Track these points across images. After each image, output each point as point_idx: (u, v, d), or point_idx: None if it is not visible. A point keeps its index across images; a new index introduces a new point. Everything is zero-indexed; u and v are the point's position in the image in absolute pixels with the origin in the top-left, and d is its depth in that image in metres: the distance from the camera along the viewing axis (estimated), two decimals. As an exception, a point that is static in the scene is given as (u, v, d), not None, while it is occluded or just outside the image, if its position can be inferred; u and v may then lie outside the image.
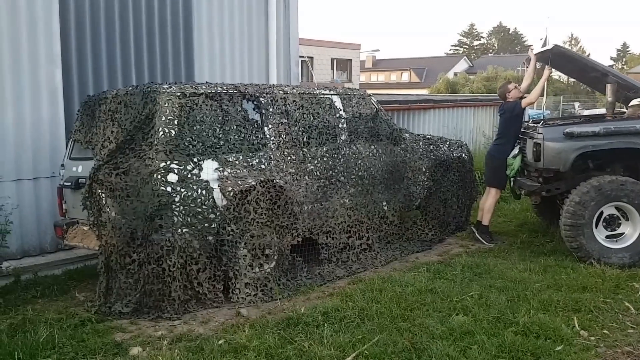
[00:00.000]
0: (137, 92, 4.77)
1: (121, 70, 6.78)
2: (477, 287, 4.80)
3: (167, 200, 4.32)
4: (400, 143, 6.56)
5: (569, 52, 5.87)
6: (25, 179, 5.80)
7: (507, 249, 6.30)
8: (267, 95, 5.34)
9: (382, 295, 4.58)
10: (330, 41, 32.78)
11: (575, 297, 4.51)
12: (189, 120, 4.66)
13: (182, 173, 4.44)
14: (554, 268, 5.38)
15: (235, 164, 4.83)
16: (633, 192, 5.40)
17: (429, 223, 6.83)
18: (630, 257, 5.41)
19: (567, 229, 5.55)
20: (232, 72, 8.00)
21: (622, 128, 5.53)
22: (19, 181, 5.77)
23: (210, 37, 7.72)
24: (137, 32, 6.92)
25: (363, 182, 5.97)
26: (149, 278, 4.36)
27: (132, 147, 4.60)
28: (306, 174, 5.41)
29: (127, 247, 4.42)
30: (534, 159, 5.94)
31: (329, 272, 5.37)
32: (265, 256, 4.98)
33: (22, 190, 5.79)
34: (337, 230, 5.69)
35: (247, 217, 4.78)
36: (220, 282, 4.64)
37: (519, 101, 6.56)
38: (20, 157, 5.77)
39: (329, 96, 5.95)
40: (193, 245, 4.44)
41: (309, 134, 5.57)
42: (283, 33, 8.71)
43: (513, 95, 6.64)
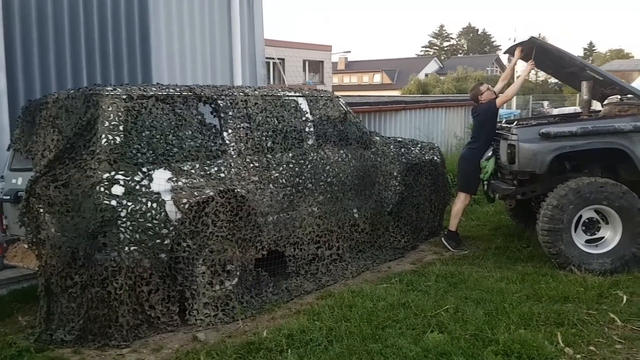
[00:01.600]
0: (78, 95, 4.33)
1: (71, 73, 6.30)
2: (453, 300, 4.50)
3: (111, 215, 3.88)
4: (370, 147, 6.23)
5: (546, 45, 5.62)
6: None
7: (482, 255, 6.03)
8: (226, 98, 4.95)
9: (352, 312, 4.23)
10: (301, 43, 32.39)
11: (557, 309, 4.23)
12: (136, 126, 4.23)
13: (128, 184, 4.01)
14: (533, 276, 5.12)
15: (190, 173, 4.42)
16: (613, 194, 5.17)
17: (401, 229, 6.52)
18: (611, 262, 5.17)
19: (545, 234, 5.29)
20: (194, 74, 7.58)
21: (601, 127, 5.30)
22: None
23: (169, 38, 7.28)
24: (89, 34, 6.45)
25: (332, 188, 5.62)
26: (93, 302, 3.92)
27: (72, 157, 4.15)
28: (271, 181, 5.04)
29: (69, 268, 3.98)
30: (508, 161, 5.67)
31: (297, 287, 5.01)
32: (227, 272, 4.59)
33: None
34: (306, 240, 5.32)
35: (205, 231, 4.37)
36: (175, 304, 4.22)
37: (493, 102, 6.29)
38: (-41, 168, 5.26)
39: (294, 98, 5.58)
40: (143, 265, 4.01)
41: (273, 138, 5.20)
42: (248, 33, 8.32)
43: (486, 96, 6.37)
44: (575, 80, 6.59)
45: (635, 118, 5.30)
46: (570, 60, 5.95)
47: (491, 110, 6.27)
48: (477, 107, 6.48)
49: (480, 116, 6.36)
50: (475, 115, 6.48)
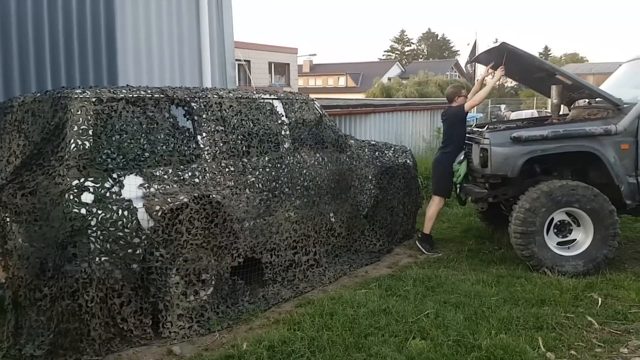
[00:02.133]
0: (45, 98, 4.12)
1: (35, 76, 6.02)
2: (432, 304, 4.48)
3: (81, 224, 3.69)
4: (345, 150, 6.19)
5: (518, 51, 5.68)
6: None
7: (455, 258, 6.06)
8: (199, 100, 4.81)
9: (333, 320, 4.16)
10: (267, 45, 32.22)
11: (535, 312, 4.26)
12: (106, 130, 4.03)
13: (99, 192, 3.83)
14: (507, 278, 5.16)
15: (163, 179, 4.26)
16: (584, 197, 5.26)
17: (376, 233, 6.50)
18: (584, 264, 5.26)
19: (518, 236, 5.34)
20: (162, 76, 7.36)
21: (571, 131, 5.39)
22: None
23: (136, 39, 7.05)
24: (53, 35, 6.18)
25: (309, 193, 5.53)
26: (64, 315, 3.71)
27: (40, 163, 3.93)
28: (247, 186, 4.91)
29: (37, 279, 3.75)
30: (480, 164, 5.72)
31: (274, 295, 4.90)
32: (201, 282, 4.44)
33: None
34: (283, 246, 5.22)
35: (179, 240, 4.21)
36: (148, 316, 4.05)
37: (462, 106, 6.34)
38: None
39: (269, 101, 5.48)
40: (114, 276, 3.83)
41: (249, 142, 5.08)
42: (217, 35, 8.15)
43: (460, 101, 6.41)
44: (542, 85, 6.70)
45: (605, 121, 5.42)
46: (540, 65, 6.04)
47: (460, 114, 6.32)
48: (447, 110, 6.52)
49: (449, 119, 6.41)
50: (444, 118, 6.52)
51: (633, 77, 6.44)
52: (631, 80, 6.41)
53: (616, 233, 5.32)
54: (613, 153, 5.38)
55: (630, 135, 5.40)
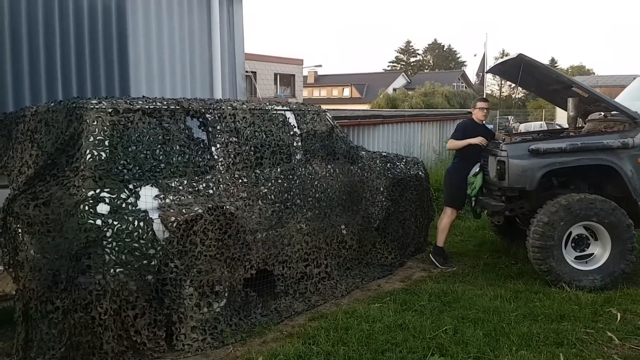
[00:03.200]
0: (60, 108, 4.10)
1: (45, 87, 6.02)
2: (450, 320, 4.39)
3: (96, 235, 3.64)
4: (357, 162, 6.14)
5: (535, 62, 5.63)
6: None
7: (471, 272, 5.96)
8: (214, 112, 4.78)
9: (348, 335, 4.08)
10: (273, 56, 32.30)
11: (554, 328, 4.18)
12: (122, 141, 4.01)
13: (114, 202, 3.79)
14: (525, 294, 5.07)
15: (178, 190, 4.22)
16: (602, 211, 5.18)
17: (388, 246, 6.42)
18: (601, 279, 5.17)
19: (536, 250, 5.26)
20: (173, 87, 7.35)
21: (589, 144, 5.32)
22: None
23: (148, 51, 7.05)
24: (65, 47, 6.18)
25: (320, 204, 5.48)
26: (76, 328, 3.66)
27: (53, 174, 3.89)
28: (259, 198, 4.87)
29: (49, 292, 3.71)
30: (497, 177, 5.65)
31: (287, 307, 4.83)
32: (215, 294, 4.38)
33: None
34: (294, 258, 5.15)
35: (193, 251, 4.17)
36: (162, 328, 3.98)
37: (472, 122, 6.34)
38: None
39: (282, 112, 5.45)
40: (129, 288, 3.78)
41: (262, 153, 5.04)
42: (228, 46, 8.16)
43: (474, 114, 6.39)
44: (558, 97, 6.65)
45: (622, 134, 5.36)
46: (557, 77, 6.00)
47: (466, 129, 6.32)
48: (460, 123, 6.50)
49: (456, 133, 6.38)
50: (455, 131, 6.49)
51: (649, 90, 6.38)
52: (647, 93, 6.35)
53: (634, 247, 5.23)
54: (630, 166, 5.31)
55: (647, 149, 5.32)
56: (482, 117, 6.38)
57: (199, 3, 7.72)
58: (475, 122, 6.37)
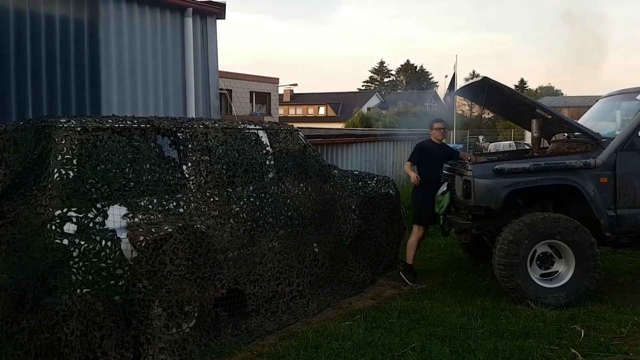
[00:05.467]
0: (29, 127, 4.08)
1: (15, 103, 5.98)
2: (418, 337, 4.45)
3: (63, 255, 3.61)
4: (329, 180, 6.20)
5: (499, 85, 5.81)
6: None
7: (440, 290, 6.04)
8: (185, 130, 4.80)
9: (318, 353, 4.11)
10: (249, 74, 32.40)
11: (520, 345, 4.27)
12: (91, 160, 4.00)
13: (82, 222, 3.76)
14: (492, 311, 5.16)
15: (148, 209, 4.21)
16: (566, 229, 5.33)
17: (360, 263, 6.46)
18: (566, 296, 5.30)
19: (502, 268, 5.37)
20: (145, 106, 7.37)
21: (553, 164, 5.49)
22: None
23: (120, 68, 7.09)
24: (35, 64, 6.16)
25: (292, 223, 5.51)
26: (42, 349, 3.60)
27: (21, 192, 3.85)
28: (231, 216, 4.88)
29: (15, 312, 3.65)
30: (464, 196, 5.77)
31: (258, 327, 4.82)
32: (184, 314, 4.35)
33: None
34: (266, 277, 5.16)
35: (162, 270, 4.13)
36: (129, 350, 3.93)
37: (428, 143, 6.57)
38: None
39: (254, 131, 5.49)
40: (96, 308, 3.73)
41: (234, 172, 5.06)
42: (202, 65, 8.23)
43: (432, 134, 6.60)
44: (523, 119, 6.85)
45: (584, 155, 5.54)
46: (521, 100, 6.19)
47: (422, 151, 6.56)
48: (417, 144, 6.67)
49: (412, 155, 6.62)
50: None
51: (610, 112, 6.63)
52: (608, 114, 6.60)
53: (597, 265, 5.38)
54: (592, 186, 5.49)
55: (608, 169, 5.52)
56: (440, 137, 6.59)
57: (173, 22, 7.78)
58: (433, 142, 6.57)
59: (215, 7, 8.24)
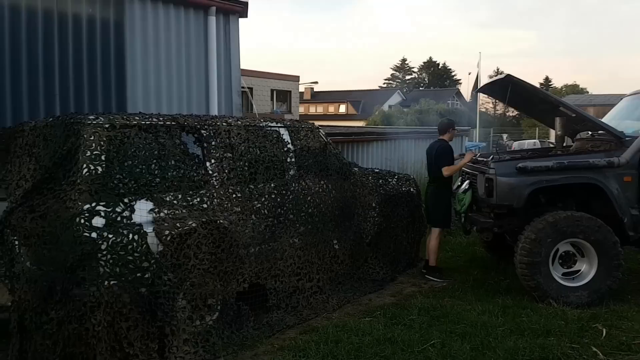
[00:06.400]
0: (58, 123, 4.20)
1: (44, 99, 6.15)
2: (438, 334, 4.47)
3: (91, 248, 3.72)
4: (349, 178, 6.24)
5: (522, 83, 5.78)
6: None
7: (460, 288, 6.04)
8: (209, 128, 4.89)
9: (338, 348, 4.16)
10: (270, 72, 32.58)
11: (540, 343, 4.26)
12: (119, 156, 4.11)
13: (110, 216, 3.88)
14: (513, 309, 5.15)
15: (173, 204, 4.31)
16: (589, 228, 5.29)
17: (380, 261, 6.50)
18: (588, 295, 5.26)
19: (524, 267, 5.35)
20: (169, 103, 7.49)
21: (576, 163, 5.45)
22: None
23: (145, 66, 7.21)
24: (63, 63, 6.33)
25: (313, 219, 5.57)
26: (70, 339, 3.71)
27: (51, 187, 3.98)
28: (253, 212, 4.96)
29: (44, 303, 3.77)
30: (486, 194, 5.76)
31: (279, 321, 4.89)
32: (207, 307, 4.45)
33: None
34: (287, 273, 5.23)
35: (186, 264, 4.24)
36: (154, 341, 4.03)
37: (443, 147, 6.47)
38: None
39: (276, 129, 5.56)
40: (122, 300, 3.84)
41: (256, 169, 5.14)
42: (224, 63, 8.32)
43: (447, 137, 6.60)
44: (546, 117, 6.79)
45: (608, 154, 5.49)
46: (544, 97, 6.14)
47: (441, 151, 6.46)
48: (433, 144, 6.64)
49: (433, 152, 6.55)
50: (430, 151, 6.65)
51: (635, 110, 6.53)
52: (633, 113, 6.50)
53: (620, 264, 5.34)
54: (616, 185, 5.44)
55: (632, 168, 5.46)
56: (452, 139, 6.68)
57: (196, 20, 7.89)
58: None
59: (238, 6, 8.33)
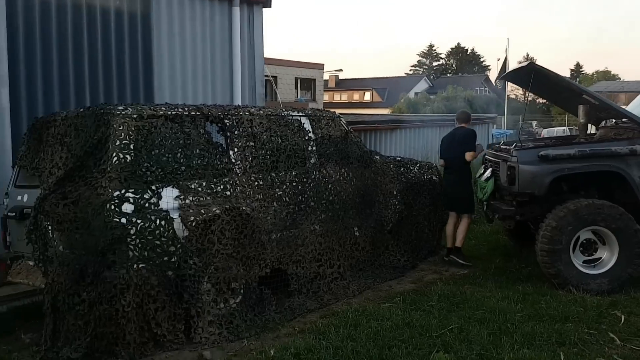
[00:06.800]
0: (88, 114, 4.38)
1: (74, 90, 6.37)
2: (456, 319, 4.55)
3: (121, 233, 3.91)
4: (370, 166, 6.32)
5: (545, 71, 5.75)
6: (-34, 208, 5.29)
7: (482, 275, 6.08)
8: (232, 117, 5.02)
9: (357, 331, 4.27)
10: (294, 61, 32.64)
11: (558, 329, 4.30)
12: (146, 145, 4.28)
13: (138, 202, 4.06)
14: (533, 296, 5.19)
15: (197, 191, 4.47)
16: (610, 216, 5.28)
17: (401, 248, 6.58)
18: (609, 282, 5.26)
19: (544, 254, 5.37)
20: (195, 93, 7.66)
21: (598, 150, 5.43)
22: (-43, 211, 5.24)
23: (171, 58, 7.39)
24: (92, 53, 6.53)
25: (334, 207, 5.68)
26: (101, 320, 3.92)
27: (82, 175, 4.18)
28: (274, 200, 5.10)
29: (76, 285, 3.98)
30: (508, 182, 5.77)
31: (300, 305, 5.03)
32: (231, 290, 4.62)
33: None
34: (308, 259, 5.36)
35: (211, 249, 4.41)
36: (181, 322, 4.23)
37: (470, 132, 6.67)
38: (-39, 184, 5.26)
39: (297, 118, 5.67)
40: (151, 282, 4.03)
41: (277, 157, 5.27)
42: (248, 53, 8.45)
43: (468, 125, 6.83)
44: (570, 105, 6.73)
45: (631, 141, 5.44)
46: (567, 86, 6.10)
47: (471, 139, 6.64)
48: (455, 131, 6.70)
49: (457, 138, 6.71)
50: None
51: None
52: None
53: (641, 252, 5.31)
54: (638, 173, 5.39)
55: (655, 156, 5.40)
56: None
57: (221, 11, 8.02)
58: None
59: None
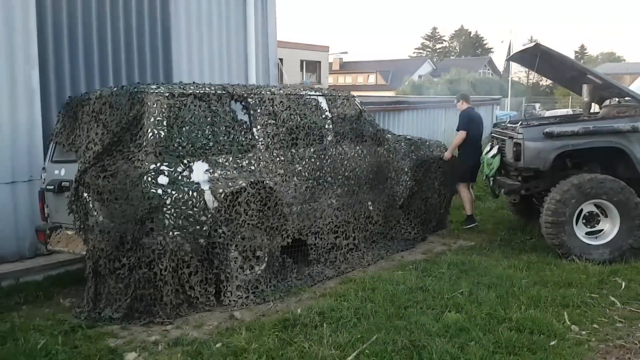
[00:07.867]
0: (123, 93, 4.66)
1: (98, 70, 6.64)
2: (466, 284, 4.86)
3: (157, 202, 4.23)
4: (383, 143, 6.61)
5: (551, 51, 6.00)
6: (2, 183, 5.61)
7: (488, 247, 6.40)
8: (255, 96, 5.31)
9: (374, 294, 4.60)
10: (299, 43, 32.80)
11: (562, 293, 4.62)
12: (177, 121, 4.58)
13: (172, 175, 4.37)
14: (538, 264, 5.51)
15: (225, 166, 4.78)
16: (612, 190, 5.57)
17: (411, 222, 6.90)
18: (610, 252, 5.57)
19: (549, 226, 5.67)
20: (211, 73, 7.91)
21: (601, 127, 5.70)
22: (-5, 185, 5.57)
23: (189, 39, 7.63)
24: (115, 32, 6.79)
25: (349, 182, 6.00)
26: (140, 282, 4.27)
27: (119, 149, 4.49)
28: (295, 175, 5.40)
29: (117, 251, 4.32)
30: (514, 158, 6.05)
31: (319, 273, 5.37)
32: (256, 258, 4.95)
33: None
34: (325, 230, 5.70)
35: (237, 219, 4.73)
36: (212, 285, 4.58)
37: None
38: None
39: (315, 97, 5.95)
40: (185, 249, 4.37)
41: (297, 134, 5.56)
42: (261, 34, 8.67)
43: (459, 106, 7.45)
44: (575, 85, 6.99)
45: (633, 119, 5.71)
46: (572, 66, 6.35)
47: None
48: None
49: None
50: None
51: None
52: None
53: (641, 224, 5.60)
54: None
55: (656, 132, 5.66)
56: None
57: (236, -4, 8.24)
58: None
59: (275, -21, 8.64)
